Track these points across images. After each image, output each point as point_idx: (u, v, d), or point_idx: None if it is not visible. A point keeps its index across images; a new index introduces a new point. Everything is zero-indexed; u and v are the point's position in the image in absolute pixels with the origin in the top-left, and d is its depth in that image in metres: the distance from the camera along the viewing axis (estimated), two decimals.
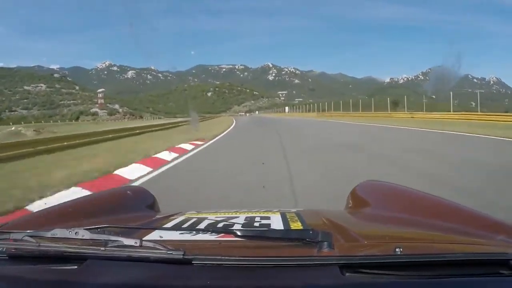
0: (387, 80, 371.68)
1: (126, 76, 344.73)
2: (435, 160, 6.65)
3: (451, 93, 22.64)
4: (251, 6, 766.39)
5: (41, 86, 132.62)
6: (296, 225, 0.99)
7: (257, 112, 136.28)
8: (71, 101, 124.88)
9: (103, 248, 0.69)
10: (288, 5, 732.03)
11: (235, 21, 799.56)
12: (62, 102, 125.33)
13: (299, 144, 10.64)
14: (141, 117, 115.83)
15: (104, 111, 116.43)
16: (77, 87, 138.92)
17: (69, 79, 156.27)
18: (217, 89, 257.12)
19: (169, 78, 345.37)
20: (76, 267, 0.70)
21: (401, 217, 1.13)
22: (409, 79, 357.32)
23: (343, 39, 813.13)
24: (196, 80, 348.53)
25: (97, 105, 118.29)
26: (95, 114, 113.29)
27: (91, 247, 0.71)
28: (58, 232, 0.72)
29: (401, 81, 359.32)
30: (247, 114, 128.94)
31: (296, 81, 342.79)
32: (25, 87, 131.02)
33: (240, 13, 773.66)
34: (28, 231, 0.76)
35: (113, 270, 0.69)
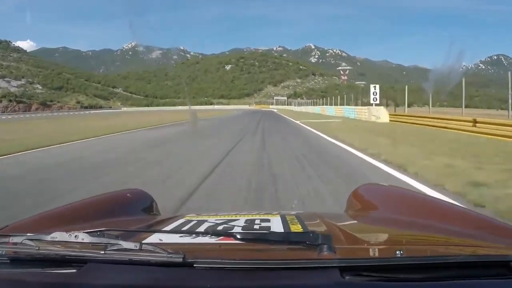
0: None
1: (151, 56, 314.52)
2: None
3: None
4: None
5: None
6: (296, 228, 0.98)
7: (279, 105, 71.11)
8: None
9: (102, 252, 0.69)
10: None
11: (277, 6, 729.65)
12: None
13: None
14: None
15: None
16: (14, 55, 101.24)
17: (19, 48, 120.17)
18: (241, 60, 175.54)
19: (197, 58, 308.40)
20: (75, 270, 0.69)
21: (401, 219, 1.11)
22: (469, 67, 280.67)
23: (386, 27, 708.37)
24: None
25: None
26: None
27: (90, 250, 0.70)
28: (58, 236, 0.72)
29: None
30: (294, 105, 72.57)
31: (343, 64, 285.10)
32: None
33: None
34: (28, 234, 0.75)
35: (113, 273, 0.68)
